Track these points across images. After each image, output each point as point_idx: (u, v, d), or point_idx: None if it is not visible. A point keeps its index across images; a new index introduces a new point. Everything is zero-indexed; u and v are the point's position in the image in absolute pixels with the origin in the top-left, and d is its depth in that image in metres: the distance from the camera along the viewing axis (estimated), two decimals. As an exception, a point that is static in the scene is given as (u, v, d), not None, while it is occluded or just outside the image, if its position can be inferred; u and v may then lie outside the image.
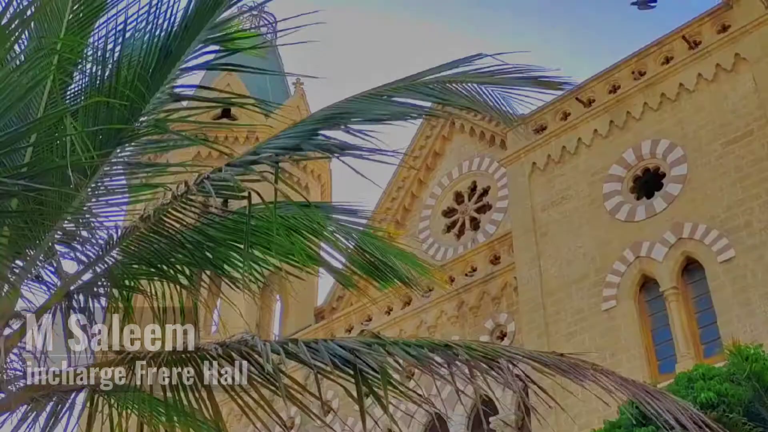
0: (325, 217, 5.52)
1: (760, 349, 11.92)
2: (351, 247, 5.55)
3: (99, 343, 5.25)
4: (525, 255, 22.12)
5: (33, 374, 4.97)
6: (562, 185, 22.26)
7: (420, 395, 4.48)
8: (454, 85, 5.64)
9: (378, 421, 24.81)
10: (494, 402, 22.20)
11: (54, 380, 4.95)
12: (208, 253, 5.29)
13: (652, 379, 16.61)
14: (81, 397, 5.37)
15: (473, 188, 29.41)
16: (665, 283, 19.21)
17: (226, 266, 5.41)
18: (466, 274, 24.97)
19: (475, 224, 28.83)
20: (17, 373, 5.02)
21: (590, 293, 20.22)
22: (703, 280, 18.85)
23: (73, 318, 5.32)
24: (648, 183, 20.87)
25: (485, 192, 28.96)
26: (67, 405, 5.07)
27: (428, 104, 6.08)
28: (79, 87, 5.34)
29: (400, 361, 4.33)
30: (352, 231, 5.52)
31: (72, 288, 5.44)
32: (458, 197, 29.69)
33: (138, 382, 4.91)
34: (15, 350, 5.10)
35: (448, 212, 29.64)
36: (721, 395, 11.37)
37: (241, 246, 5.09)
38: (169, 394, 5.03)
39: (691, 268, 19.28)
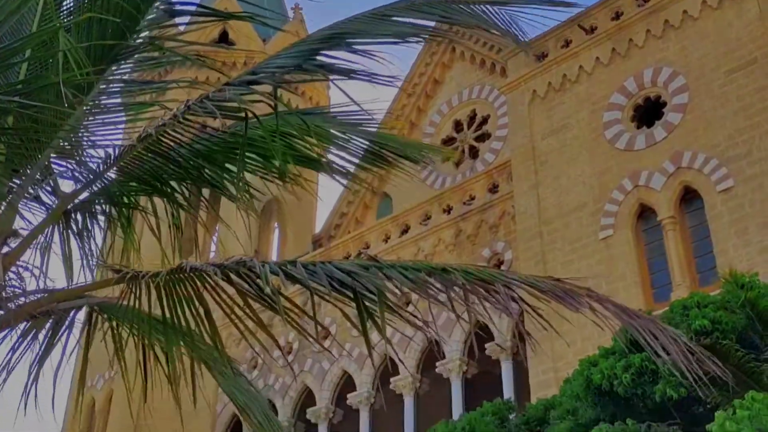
0: (328, 121, 5.44)
1: (755, 278, 11.98)
2: (362, 142, 5.44)
3: (97, 262, 5.25)
4: (523, 184, 22.10)
5: (32, 292, 5.00)
6: (562, 114, 22.11)
7: (417, 317, 4.49)
8: (459, 5, 5.51)
9: (375, 347, 25.09)
10: (490, 329, 22.46)
11: (53, 299, 4.97)
12: (205, 172, 5.26)
13: (647, 307, 16.76)
14: (81, 316, 5.40)
15: (473, 116, 29.24)
16: (663, 213, 19.24)
17: (224, 184, 5.37)
18: (465, 203, 24.99)
19: (474, 153, 28.74)
20: (16, 290, 5.04)
21: (588, 222, 20.27)
22: (700, 210, 18.87)
23: (72, 237, 5.32)
24: (648, 112, 20.72)
25: (485, 120, 28.80)
26: (66, 323, 5.10)
27: (431, 24, 5.92)
28: (74, 2, 5.24)
29: (397, 284, 4.33)
30: (360, 131, 5.41)
31: (69, 207, 5.42)
32: (457, 125, 29.54)
33: (136, 302, 4.93)
34: (13, 269, 5.11)
35: (448, 141, 29.52)
36: (715, 323, 11.46)
37: (240, 159, 5.04)
38: (167, 314, 5.05)
39: (689, 197, 19.28)
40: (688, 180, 19.12)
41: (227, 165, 5.42)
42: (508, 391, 20.81)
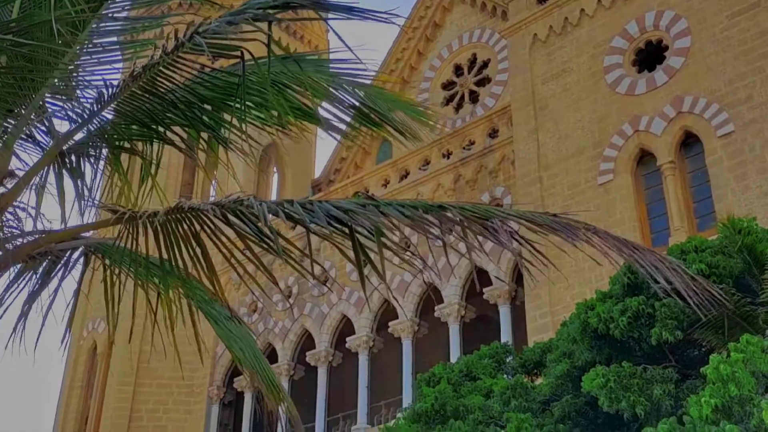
0: (322, 72, 5.37)
1: (753, 222, 11.97)
2: (352, 100, 5.38)
3: (95, 203, 5.24)
4: (523, 128, 22.01)
5: (29, 233, 4.99)
6: (563, 58, 21.93)
7: (414, 254, 4.48)
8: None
9: (374, 291, 25.33)
10: (488, 273, 22.58)
11: (50, 239, 4.96)
12: (201, 114, 5.21)
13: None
14: (77, 257, 5.40)
15: (473, 61, 29.00)
16: (663, 157, 19.20)
17: (222, 130, 5.33)
18: (464, 148, 24.92)
19: (475, 97, 28.57)
20: (14, 231, 5.03)
21: (587, 167, 20.24)
22: (700, 155, 18.84)
23: (68, 178, 5.30)
24: (650, 56, 20.55)
25: (485, 65, 28.57)
26: (62, 263, 5.10)
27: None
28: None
29: (395, 221, 4.31)
30: (353, 84, 5.34)
31: (65, 148, 5.40)
32: (458, 70, 29.31)
33: (133, 243, 4.93)
34: (10, 210, 5.11)
35: (448, 85, 29.33)
36: (712, 267, 11.48)
37: (235, 106, 4.99)
38: (164, 256, 5.04)
39: (689, 142, 19.23)
40: (688, 125, 19.04)
41: (224, 113, 5.37)
42: (505, 335, 20.99)
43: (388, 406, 23.38)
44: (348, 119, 5.33)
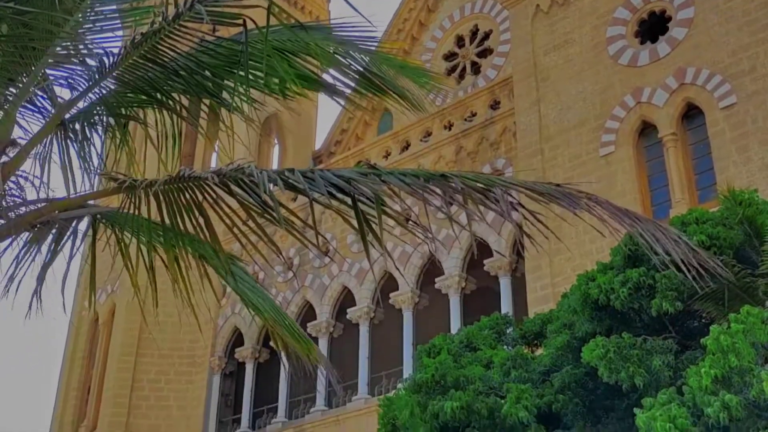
0: (325, 40, 5.33)
1: (754, 194, 11.98)
2: (358, 66, 5.33)
3: (97, 172, 5.23)
4: (525, 100, 21.93)
5: (32, 202, 4.99)
6: (565, 29, 21.80)
7: (417, 222, 4.48)
8: None
9: (375, 263, 25.36)
10: (489, 245, 22.60)
11: (53, 208, 4.96)
12: (203, 80, 5.19)
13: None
14: (83, 226, 5.40)
15: (475, 32, 28.84)
16: (664, 129, 19.15)
17: (224, 96, 5.31)
18: (466, 119, 24.85)
19: (476, 68, 28.44)
20: (17, 200, 5.03)
21: (589, 139, 20.20)
22: (702, 127, 18.79)
23: (71, 147, 5.29)
24: (653, 27, 20.43)
25: (487, 36, 28.41)
26: (69, 232, 5.10)
27: None
28: None
29: (396, 189, 4.30)
30: (359, 51, 5.29)
31: (67, 116, 5.38)
32: (459, 41, 29.15)
33: (135, 211, 4.92)
34: (13, 178, 5.10)
35: (449, 56, 29.18)
36: (713, 238, 11.50)
37: (239, 73, 4.97)
38: (167, 223, 5.04)
39: (691, 114, 19.18)
40: (690, 96, 18.97)
41: (227, 80, 5.34)
42: (506, 307, 21.06)
43: (388, 377, 23.51)
44: (353, 85, 5.29)
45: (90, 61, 5.34)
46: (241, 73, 4.86)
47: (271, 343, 23.09)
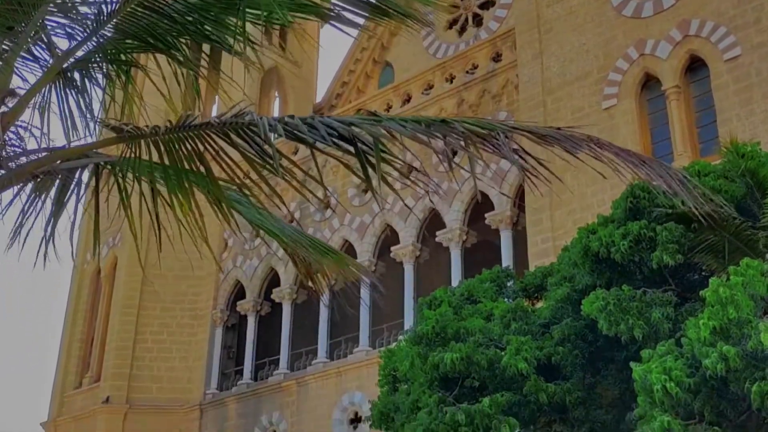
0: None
1: (756, 147, 11.93)
2: None
3: (97, 121, 5.20)
4: (527, 52, 21.76)
5: (32, 152, 4.97)
6: (569, -21, 21.54)
7: (419, 171, 4.45)
8: None
9: (376, 217, 25.40)
10: (490, 198, 22.62)
11: (54, 158, 4.95)
12: (204, 26, 5.12)
13: (648, 177, 16.80)
14: (85, 177, 5.37)
15: (477, -17, 28.52)
16: (668, 82, 19.03)
17: (224, 38, 5.22)
18: (467, 72, 24.69)
19: (478, 21, 28.18)
20: (17, 150, 5.01)
21: (591, 91, 20.08)
22: (705, 79, 18.66)
23: (70, 96, 5.26)
24: (658, -23, 20.19)
25: (489, -13, 28.11)
26: (75, 181, 5.08)
27: None
28: None
29: (397, 134, 4.26)
30: None
31: (66, 66, 5.34)
32: (461, -8, 28.85)
33: (137, 162, 4.90)
34: (13, 129, 5.08)
35: (451, 8, 28.88)
36: (714, 191, 11.50)
37: (234, 15, 4.88)
38: (170, 173, 5.01)
39: (694, 66, 19.03)
40: (694, 48, 18.81)
41: (226, 20, 5.26)
42: (506, 260, 21.12)
43: (389, 329, 23.67)
44: (356, 10, 5.12)
45: (88, 10, 5.29)
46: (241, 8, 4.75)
47: (273, 296, 23.19)
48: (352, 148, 4.30)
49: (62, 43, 5.45)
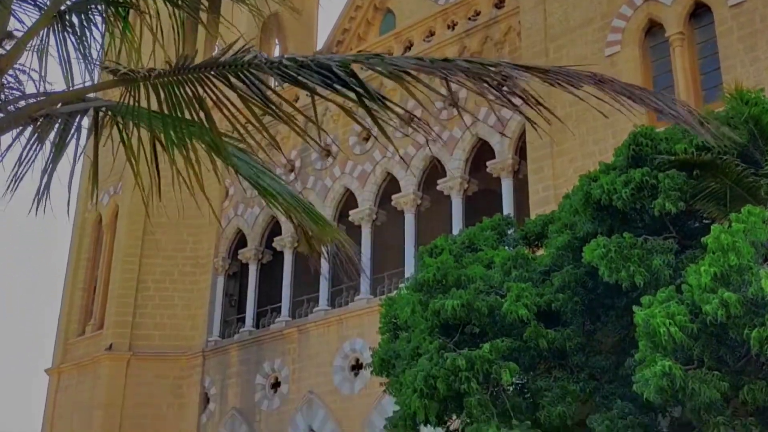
0: None
1: (760, 94, 11.84)
2: None
3: (95, 64, 5.14)
4: (530, -2, 21.48)
5: (30, 95, 4.93)
6: (573, -77, 21.17)
7: (419, 119, 4.41)
8: None
9: (377, 165, 25.31)
10: (491, 146, 22.54)
11: (52, 101, 4.90)
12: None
13: (650, 123, 16.70)
14: (85, 123, 5.33)
15: (479, -73, 28.05)
16: (671, 28, 18.81)
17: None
18: (469, 18, 24.41)
19: (480, -34, 27.77)
20: (15, 93, 4.97)
21: (594, 38, 19.86)
22: (710, 26, 18.44)
23: (68, 40, 5.19)
24: None
25: (492, -68, 27.64)
26: (75, 125, 5.04)
27: None
28: None
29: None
30: None
31: (64, 8, 5.26)
32: (463, -63, 28.39)
33: (136, 104, 4.85)
34: (11, 72, 5.03)
35: (453, -47, 28.46)
36: (717, 138, 11.44)
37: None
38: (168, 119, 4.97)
39: (699, 12, 18.78)
40: (699, -7, 18.57)
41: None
42: (507, 209, 21.12)
43: (390, 278, 23.77)
44: None
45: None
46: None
47: (274, 244, 23.24)
48: (352, 94, 4.25)
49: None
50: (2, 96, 4.75)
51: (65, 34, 5.34)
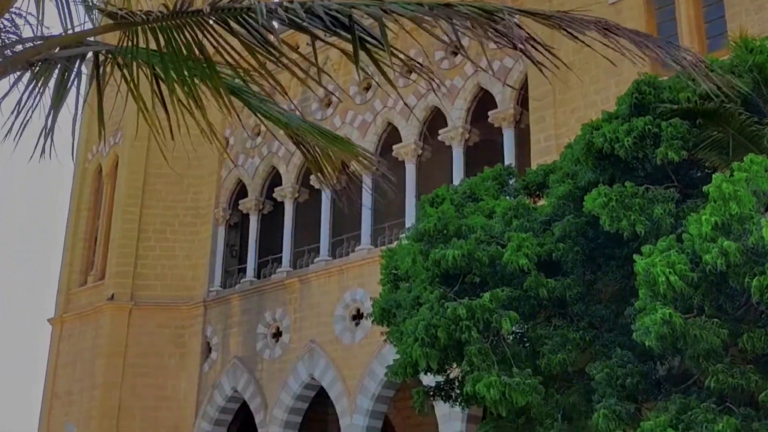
0: None
1: (765, 42, 11.72)
2: None
3: (94, 6, 5.07)
4: (532, -55, 21.13)
5: (28, 39, 4.86)
6: None
7: (420, 65, 4.35)
8: None
9: (378, 115, 25.12)
10: (493, 96, 22.40)
11: (50, 45, 4.84)
12: None
13: (654, 71, 16.56)
14: (86, 70, 5.27)
15: None
16: (676, -24, 18.57)
17: None
18: (471, -34, 24.09)
19: None
20: (12, 37, 4.90)
21: (598, -15, 19.59)
22: (715, -28, 18.20)
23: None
24: None
25: None
26: (75, 69, 4.98)
27: None
28: None
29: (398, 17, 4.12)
30: None
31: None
32: None
33: (135, 49, 4.79)
34: (7, 16, 4.95)
35: None
36: (721, 86, 11.34)
37: None
38: (168, 65, 4.91)
39: (704, -41, 18.53)
40: (705, -61, 18.28)
41: None
42: (509, 159, 21.05)
43: (390, 228, 23.79)
44: None
45: None
46: None
47: (275, 195, 23.15)
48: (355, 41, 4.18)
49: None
50: (-1, 40, 4.70)
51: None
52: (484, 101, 22.86)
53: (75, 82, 5.10)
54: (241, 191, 28.04)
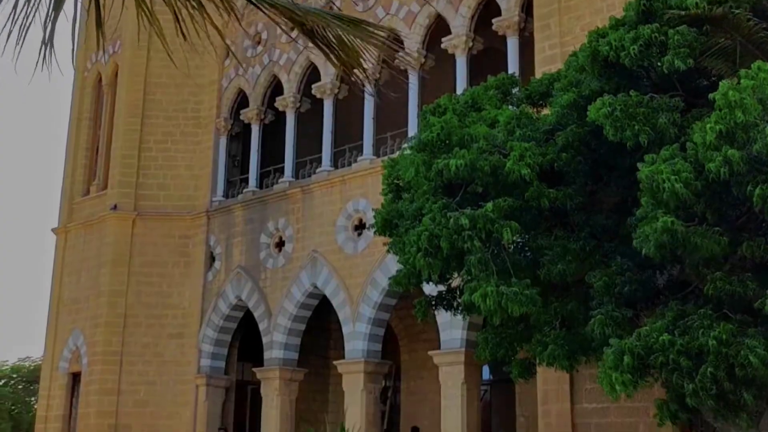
0: None
1: (777, -54, 11.42)
2: None
3: None
4: None
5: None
6: None
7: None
8: None
9: (380, 22, 24.66)
10: (497, 4, 21.97)
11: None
12: None
13: None
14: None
15: None
16: None
17: None
18: None
19: None
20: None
21: None
22: None
23: None
24: None
25: None
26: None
27: None
28: None
29: None
30: None
31: None
32: None
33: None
34: None
35: None
36: (729, -7, 11.09)
37: None
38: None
39: None
40: None
41: None
42: (513, 68, 20.78)
43: (393, 138, 23.67)
44: None
45: None
46: None
47: (276, 104, 22.92)
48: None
49: None
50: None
51: None
52: (488, 8, 22.44)
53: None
54: (242, 101, 27.82)
